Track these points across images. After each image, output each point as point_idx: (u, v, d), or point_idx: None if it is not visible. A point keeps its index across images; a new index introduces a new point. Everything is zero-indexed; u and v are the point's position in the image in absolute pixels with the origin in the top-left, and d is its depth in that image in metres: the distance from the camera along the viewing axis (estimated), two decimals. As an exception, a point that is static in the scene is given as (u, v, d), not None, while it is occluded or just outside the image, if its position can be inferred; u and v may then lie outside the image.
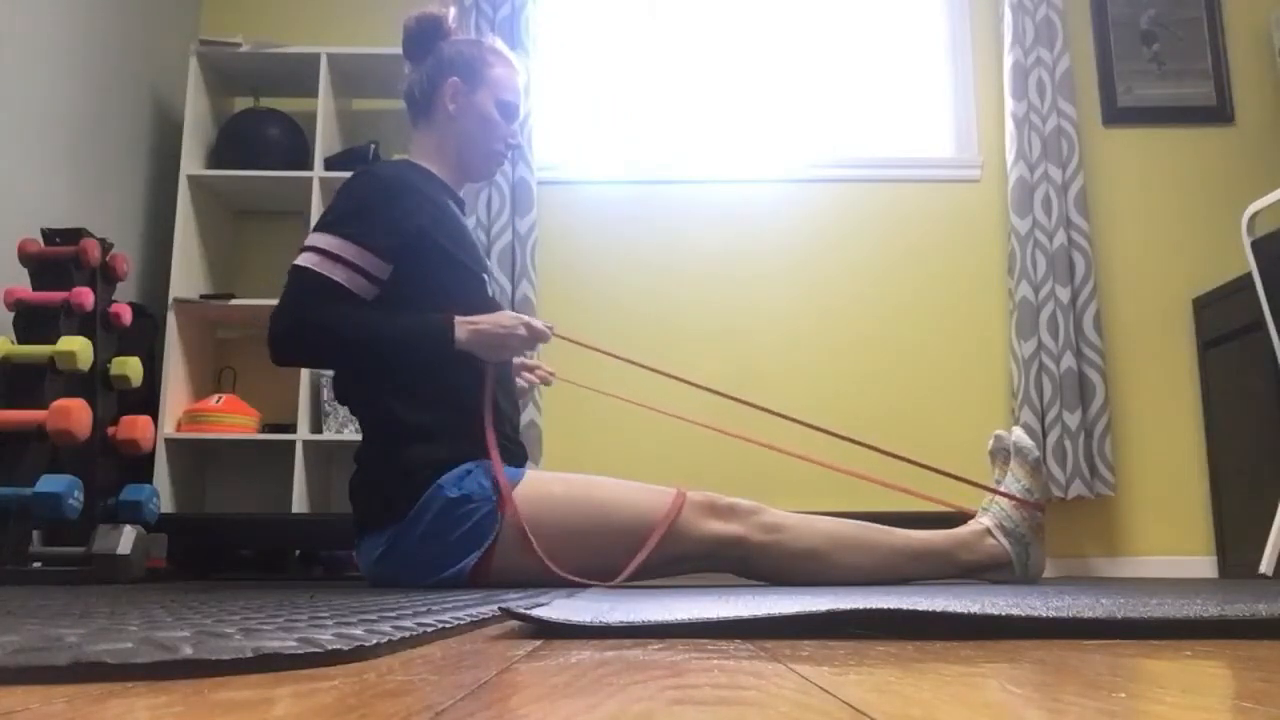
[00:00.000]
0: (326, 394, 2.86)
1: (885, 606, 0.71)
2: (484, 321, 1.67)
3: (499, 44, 1.88)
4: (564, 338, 1.82)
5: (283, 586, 1.78)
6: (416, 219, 1.69)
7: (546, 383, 2.02)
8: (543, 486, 1.66)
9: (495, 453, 1.65)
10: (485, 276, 1.82)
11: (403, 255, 1.67)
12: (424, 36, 1.84)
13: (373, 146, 3.04)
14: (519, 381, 1.95)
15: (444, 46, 1.84)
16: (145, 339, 2.79)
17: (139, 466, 2.60)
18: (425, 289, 1.69)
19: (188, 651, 0.47)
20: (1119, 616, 0.71)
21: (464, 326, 1.65)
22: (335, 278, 1.62)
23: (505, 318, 1.69)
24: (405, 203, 1.70)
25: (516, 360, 1.89)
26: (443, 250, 1.71)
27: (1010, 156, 3.18)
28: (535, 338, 1.71)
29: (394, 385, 1.70)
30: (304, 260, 1.63)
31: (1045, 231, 3.11)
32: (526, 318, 1.70)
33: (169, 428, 2.81)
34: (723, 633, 0.71)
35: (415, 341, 1.64)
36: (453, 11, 1.88)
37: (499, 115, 1.83)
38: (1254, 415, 2.82)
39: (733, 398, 1.95)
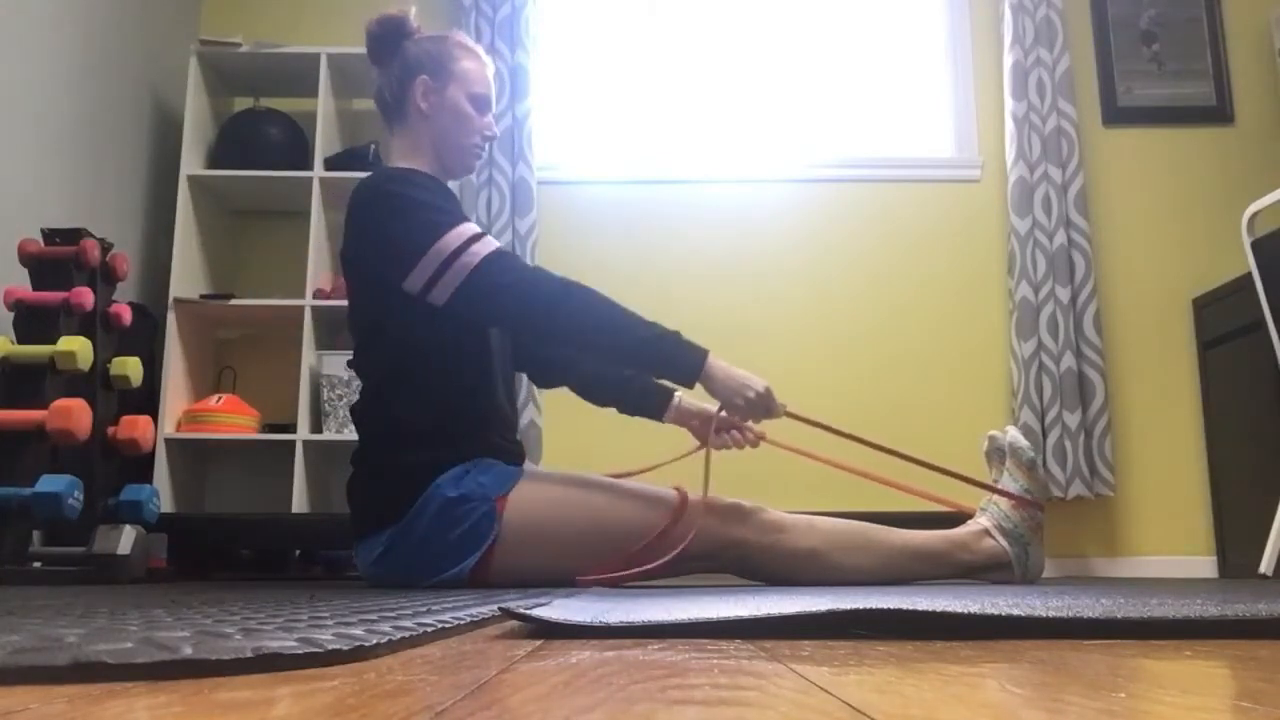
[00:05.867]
0: (326, 394, 2.86)
1: (885, 606, 0.71)
2: (736, 368, 1.68)
3: (464, 38, 1.87)
4: (794, 416, 1.77)
5: (283, 586, 1.79)
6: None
7: (754, 445, 1.93)
8: (541, 487, 1.66)
9: None
10: None
11: None
12: (388, 38, 1.82)
13: (372, 146, 3.04)
14: (725, 439, 1.90)
15: (409, 46, 1.82)
16: (145, 339, 2.79)
17: (139, 466, 2.60)
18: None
19: (188, 651, 0.47)
20: (1119, 616, 0.71)
21: (717, 359, 1.66)
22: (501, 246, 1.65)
23: (756, 377, 1.69)
24: (444, 187, 1.75)
25: (728, 414, 1.80)
26: None
27: (1010, 156, 3.18)
28: (766, 407, 1.70)
29: (393, 385, 1.70)
30: (479, 252, 1.60)
31: (1045, 231, 3.11)
32: (770, 387, 1.70)
33: (169, 428, 2.80)
34: (723, 633, 0.71)
35: (671, 350, 1.63)
36: (413, 10, 1.87)
37: (471, 109, 1.82)
38: (1254, 415, 2.82)
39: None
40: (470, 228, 1.64)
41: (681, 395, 1.95)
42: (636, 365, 1.77)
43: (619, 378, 1.96)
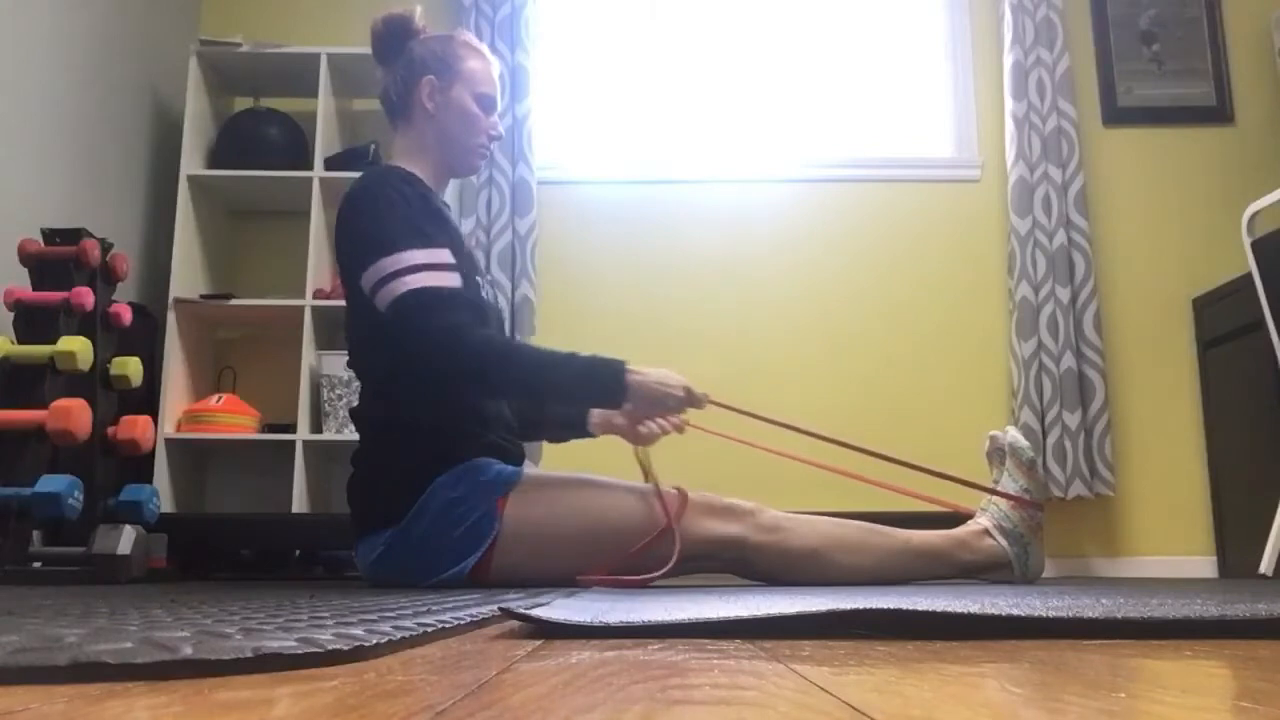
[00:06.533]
0: (326, 394, 2.86)
1: (885, 606, 0.71)
2: (650, 375, 1.65)
3: (469, 37, 1.87)
4: (719, 404, 1.75)
5: (283, 586, 1.79)
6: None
7: (680, 430, 1.86)
8: (541, 487, 1.66)
9: None
10: (479, 280, 1.81)
11: None
12: (393, 37, 1.82)
13: (372, 146, 3.04)
14: (650, 426, 1.85)
15: (414, 45, 1.82)
16: (145, 339, 2.79)
17: (139, 466, 2.60)
18: None
19: (188, 651, 0.47)
20: (1119, 616, 0.71)
21: (632, 375, 1.63)
22: (450, 284, 1.62)
23: (670, 377, 1.67)
24: (430, 202, 1.74)
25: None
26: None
27: (1010, 156, 3.18)
28: (690, 403, 1.70)
29: (392, 385, 1.70)
30: (413, 282, 1.59)
31: (1045, 231, 3.11)
32: (688, 382, 1.69)
33: (169, 428, 2.80)
34: (723, 633, 0.71)
35: (587, 386, 1.64)
36: (418, 10, 1.86)
37: (477, 108, 1.82)
38: (1254, 415, 2.82)
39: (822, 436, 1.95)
40: (427, 255, 1.62)
41: None
42: (568, 404, 1.83)
43: (537, 412, 1.95)
